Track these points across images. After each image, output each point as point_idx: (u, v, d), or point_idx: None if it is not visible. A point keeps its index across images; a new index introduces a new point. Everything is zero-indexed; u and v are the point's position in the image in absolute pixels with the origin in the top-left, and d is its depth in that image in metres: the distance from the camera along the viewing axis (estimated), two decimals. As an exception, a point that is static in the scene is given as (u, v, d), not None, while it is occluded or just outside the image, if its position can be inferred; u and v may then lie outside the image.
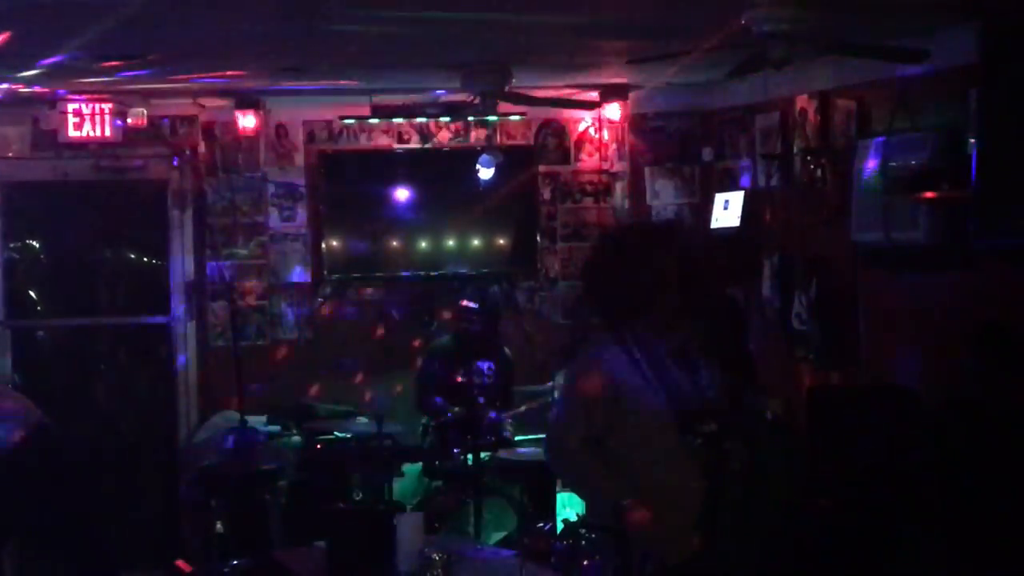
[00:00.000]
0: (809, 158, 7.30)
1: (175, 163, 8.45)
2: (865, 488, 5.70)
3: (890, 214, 6.23)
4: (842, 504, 5.81)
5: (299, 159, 8.67)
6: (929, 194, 5.96)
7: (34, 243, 8.72)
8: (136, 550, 8.28)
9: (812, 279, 7.20)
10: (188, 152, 8.51)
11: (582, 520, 5.02)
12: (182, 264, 8.57)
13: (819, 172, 7.21)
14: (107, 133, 8.21)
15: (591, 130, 8.87)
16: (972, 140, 5.56)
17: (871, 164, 6.47)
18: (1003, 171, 5.22)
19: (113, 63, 6.49)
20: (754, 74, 6.80)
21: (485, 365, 7.71)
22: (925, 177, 6.00)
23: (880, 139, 6.43)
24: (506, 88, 7.13)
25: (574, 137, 8.90)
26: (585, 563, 4.12)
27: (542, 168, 8.88)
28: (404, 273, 8.79)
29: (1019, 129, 5.13)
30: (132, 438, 8.66)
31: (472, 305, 7.82)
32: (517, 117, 8.68)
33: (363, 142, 8.73)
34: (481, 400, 7.40)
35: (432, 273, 8.76)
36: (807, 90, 7.34)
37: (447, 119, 8.61)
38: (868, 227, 6.48)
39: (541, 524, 6.43)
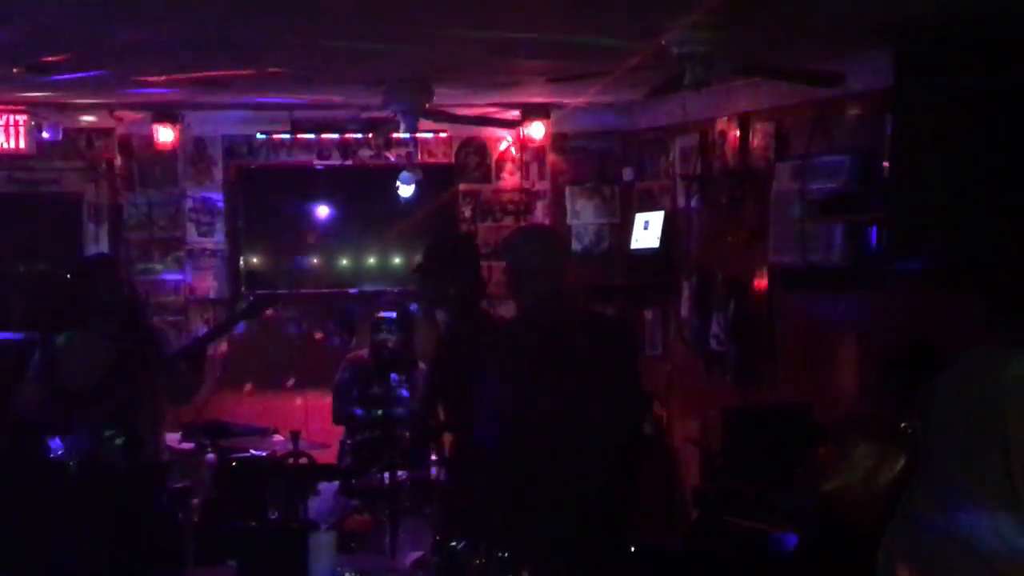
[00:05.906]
0: (728, 180, 7.36)
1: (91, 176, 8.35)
2: (778, 507, 5.71)
3: (807, 236, 6.28)
4: (756, 523, 5.82)
5: (218, 174, 8.60)
6: (844, 217, 6.02)
7: (-54, 256, 8.57)
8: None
9: (730, 300, 7.25)
10: (104, 166, 8.40)
11: (496, 539, 4.99)
12: (97, 279, 8.44)
13: (738, 194, 7.26)
14: (21, 145, 8.08)
15: (512, 149, 8.88)
16: (886, 164, 5.63)
17: (789, 186, 6.52)
18: (915, 194, 5.28)
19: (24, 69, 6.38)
20: (674, 95, 6.87)
21: (400, 379, 7.66)
22: (841, 200, 6.05)
23: (798, 162, 6.49)
24: (427, 105, 7.12)
25: (495, 156, 8.91)
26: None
27: (463, 186, 8.88)
28: (324, 290, 8.73)
29: (930, 152, 5.20)
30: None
31: (389, 315, 7.77)
32: (441, 135, 8.67)
33: (283, 158, 8.67)
34: (398, 411, 7.36)
35: (351, 290, 8.71)
36: (727, 112, 7.39)
37: (369, 135, 8.57)
38: (785, 249, 6.53)
39: (455, 544, 6.40)
